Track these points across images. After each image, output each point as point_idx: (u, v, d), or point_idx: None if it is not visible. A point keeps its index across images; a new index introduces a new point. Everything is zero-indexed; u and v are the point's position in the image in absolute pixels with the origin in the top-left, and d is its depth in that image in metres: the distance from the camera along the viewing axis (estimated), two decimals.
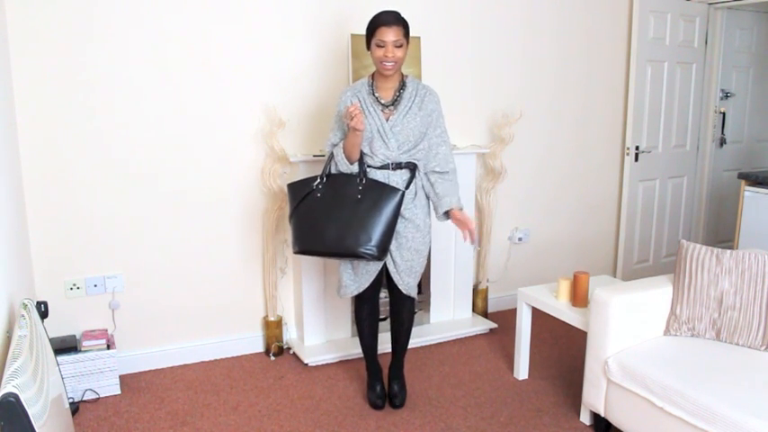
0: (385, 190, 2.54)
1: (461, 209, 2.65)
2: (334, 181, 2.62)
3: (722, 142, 4.72)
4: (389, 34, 2.47)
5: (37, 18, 2.75)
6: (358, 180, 2.57)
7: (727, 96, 4.70)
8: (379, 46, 2.50)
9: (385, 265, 2.66)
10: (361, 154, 2.59)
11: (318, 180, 2.63)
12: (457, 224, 2.64)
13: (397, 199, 2.53)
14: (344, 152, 2.58)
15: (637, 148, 4.26)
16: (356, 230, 2.51)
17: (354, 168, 2.59)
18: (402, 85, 2.62)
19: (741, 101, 4.81)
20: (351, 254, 2.53)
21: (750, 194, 3.59)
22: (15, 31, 2.72)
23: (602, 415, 2.54)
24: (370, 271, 2.65)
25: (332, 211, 2.57)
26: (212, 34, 3.08)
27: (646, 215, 4.43)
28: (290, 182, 2.74)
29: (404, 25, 2.52)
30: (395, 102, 2.60)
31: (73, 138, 2.90)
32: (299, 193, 2.66)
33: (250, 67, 3.18)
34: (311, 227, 2.59)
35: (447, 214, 2.65)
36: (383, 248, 2.53)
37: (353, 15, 3.26)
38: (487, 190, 3.78)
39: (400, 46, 2.50)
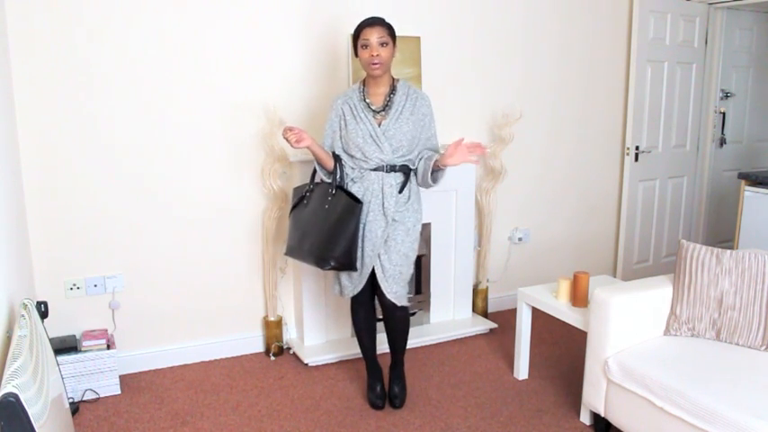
0: (348, 202, 2.57)
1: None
2: (318, 190, 2.71)
3: (722, 142, 4.72)
4: (373, 33, 2.51)
5: (37, 19, 2.75)
6: (330, 190, 2.62)
7: (727, 96, 4.69)
8: (364, 47, 2.54)
9: (373, 272, 2.66)
10: (341, 165, 2.63)
11: (307, 188, 2.74)
12: (454, 154, 2.51)
13: (356, 212, 2.55)
14: (317, 163, 2.69)
15: (637, 148, 4.26)
16: (320, 243, 2.58)
17: (330, 178, 2.66)
18: (393, 90, 2.63)
19: (741, 101, 4.81)
20: (316, 265, 2.60)
21: (750, 194, 3.59)
22: (16, 31, 2.72)
23: (602, 415, 2.54)
24: (363, 273, 2.65)
25: (311, 221, 2.65)
26: (212, 35, 3.08)
27: (646, 215, 4.43)
28: (295, 186, 2.88)
29: (388, 26, 2.57)
30: (386, 107, 2.61)
31: (73, 138, 2.90)
32: (295, 197, 2.79)
33: (250, 67, 3.18)
34: (297, 234, 2.70)
35: (437, 170, 2.60)
36: (346, 261, 2.55)
37: (353, 16, 3.25)
38: (487, 190, 3.78)
39: (385, 44, 2.53)
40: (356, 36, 2.57)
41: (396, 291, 2.66)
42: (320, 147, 2.65)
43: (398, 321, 2.77)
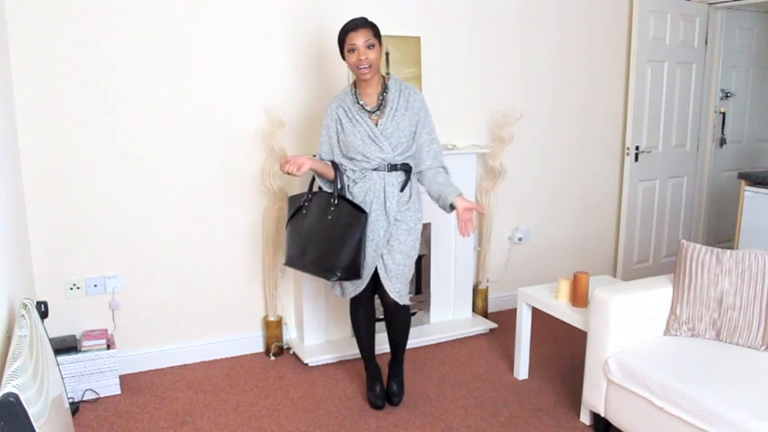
0: (352, 212, 2.56)
1: (461, 194, 2.61)
2: (318, 199, 2.69)
3: (722, 142, 4.72)
4: (358, 37, 2.50)
5: (37, 15, 2.75)
6: (332, 200, 2.61)
7: (727, 96, 4.70)
8: (351, 51, 2.52)
9: (376, 271, 2.66)
10: (340, 174, 2.63)
11: (305, 197, 2.70)
12: (463, 213, 2.54)
13: (361, 221, 2.55)
14: (317, 174, 2.68)
15: (637, 148, 4.26)
16: (325, 253, 2.56)
17: (331, 187, 2.66)
18: (384, 88, 2.62)
19: (741, 101, 4.81)
20: (322, 276, 2.59)
21: (750, 194, 3.59)
22: (15, 27, 2.72)
23: (602, 415, 2.54)
24: (365, 274, 2.64)
25: (313, 232, 2.63)
26: (213, 35, 3.08)
27: (646, 215, 4.43)
28: (290, 195, 2.85)
29: (372, 27, 2.55)
30: (380, 106, 2.61)
31: (73, 138, 2.90)
32: (292, 207, 2.76)
33: (251, 67, 3.18)
34: (298, 245, 2.67)
35: (452, 206, 2.59)
36: (352, 271, 2.55)
37: (352, 15, 3.26)
38: (487, 190, 3.78)
39: (372, 47, 2.52)
40: (341, 41, 2.56)
41: (399, 289, 2.66)
42: (320, 163, 2.64)
43: (400, 320, 2.78)
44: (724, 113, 4.67)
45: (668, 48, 4.26)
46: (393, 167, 2.61)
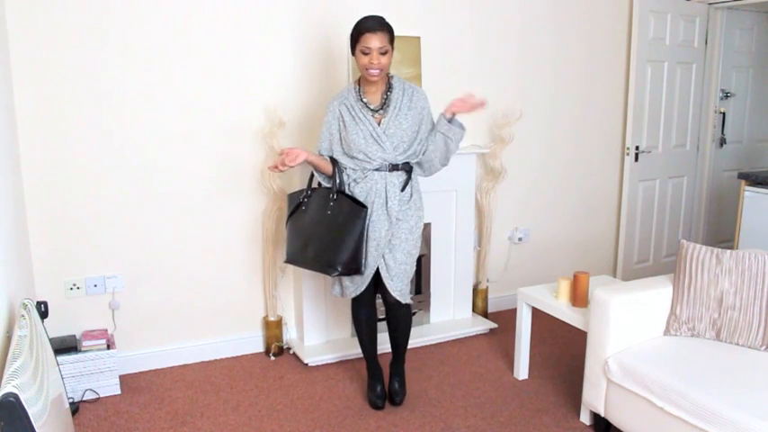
0: (352, 207, 2.56)
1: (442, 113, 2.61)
2: (317, 195, 2.69)
3: (722, 142, 4.72)
4: (374, 41, 2.47)
5: (37, 15, 2.75)
6: (331, 195, 2.61)
7: (727, 96, 4.69)
8: (364, 53, 2.50)
9: (377, 271, 2.66)
10: (339, 169, 2.62)
11: (304, 193, 2.71)
12: (459, 106, 2.56)
13: (362, 216, 2.55)
14: (316, 170, 2.68)
15: (637, 148, 4.26)
16: (325, 249, 2.56)
17: (330, 183, 2.66)
18: (389, 87, 2.62)
19: (741, 101, 4.81)
20: (323, 272, 2.60)
21: (750, 194, 3.59)
22: (15, 27, 2.72)
23: (602, 415, 2.54)
24: (366, 274, 2.65)
25: (313, 228, 2.63)
26: (213, 35, 3.08)
27: (646, 215, 4.43)
28: (289, 192, 2.85)
29: (389, 30, 2.52)
30: (384, 105, 2.60)
31: (73, 138, 2.90)
32: (291, 204, 2.77)
33: (250, 67, 3.18)
34: (297, 241, 2.68)
35: (450, 115, 2.59)
36: (353, 266, 2.55)
37: (353, 14, 3.26)
38: (487, 190, 3.78)
39: (385, 53, 2.50)
40: (355, 37, 2.53)
41: (400, 288, 2.66)
42: (316, 156, 2.65)
43: (402, 319, 2.78)
44: (724, 113, 4.67)
45: (668, 48, 4.26)
46: (394, 167, 2.61)
